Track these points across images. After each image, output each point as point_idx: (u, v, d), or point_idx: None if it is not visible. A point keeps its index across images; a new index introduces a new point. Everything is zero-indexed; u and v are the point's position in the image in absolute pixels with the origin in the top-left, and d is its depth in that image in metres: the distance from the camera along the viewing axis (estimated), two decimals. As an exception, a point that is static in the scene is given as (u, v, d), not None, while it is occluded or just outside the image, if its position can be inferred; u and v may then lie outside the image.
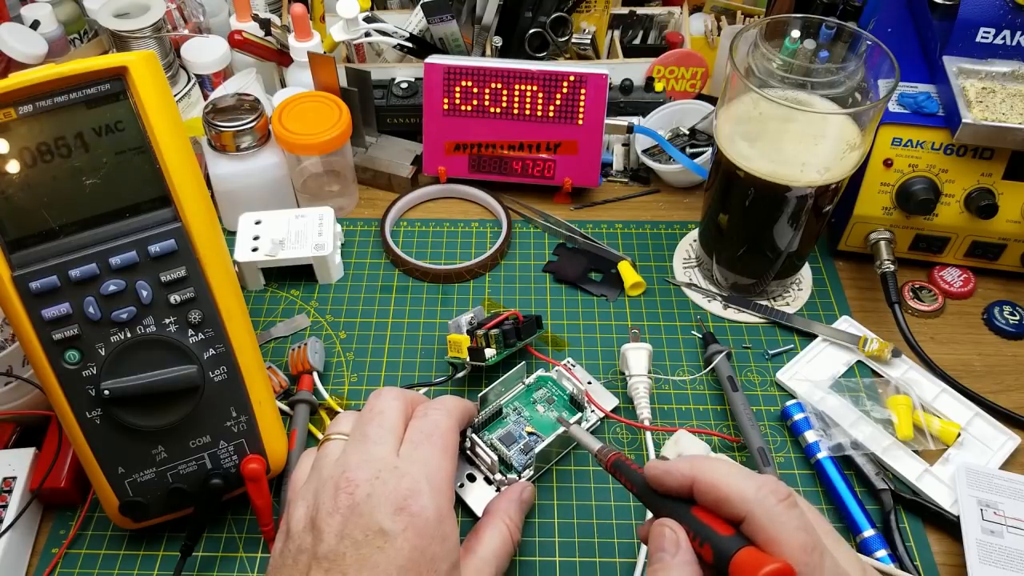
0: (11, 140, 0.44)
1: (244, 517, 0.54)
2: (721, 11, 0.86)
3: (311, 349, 0.61)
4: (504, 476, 0.53)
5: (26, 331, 0.46)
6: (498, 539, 0.44)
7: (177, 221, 0.48)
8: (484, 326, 0.59)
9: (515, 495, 0.48)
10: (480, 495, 0.53)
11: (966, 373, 0.62)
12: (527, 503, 0.49)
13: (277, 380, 0.60)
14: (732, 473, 0.36)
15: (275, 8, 0.89)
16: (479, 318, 0.62)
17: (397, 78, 0.79)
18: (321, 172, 0.76)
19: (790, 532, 0.33)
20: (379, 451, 0.42)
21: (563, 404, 0.57)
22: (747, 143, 0.57)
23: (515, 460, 0.54)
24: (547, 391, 0.58)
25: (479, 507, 0.53)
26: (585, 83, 0.70)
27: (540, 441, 0.54)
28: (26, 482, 0.53)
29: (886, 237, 0.66)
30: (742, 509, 0.34)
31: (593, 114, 0.71)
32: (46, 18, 0.80)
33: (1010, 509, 0.52)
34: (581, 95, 0.70)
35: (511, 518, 0.46)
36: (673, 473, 0.37)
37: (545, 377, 0.59)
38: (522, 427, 0.55)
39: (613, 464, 0.42)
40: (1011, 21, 0.61)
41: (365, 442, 0.42)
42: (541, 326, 0.61)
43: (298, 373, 0.61)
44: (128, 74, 0.46)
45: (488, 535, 0.44)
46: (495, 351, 0.58)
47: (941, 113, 0.62)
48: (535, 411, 0.57)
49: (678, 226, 0.74)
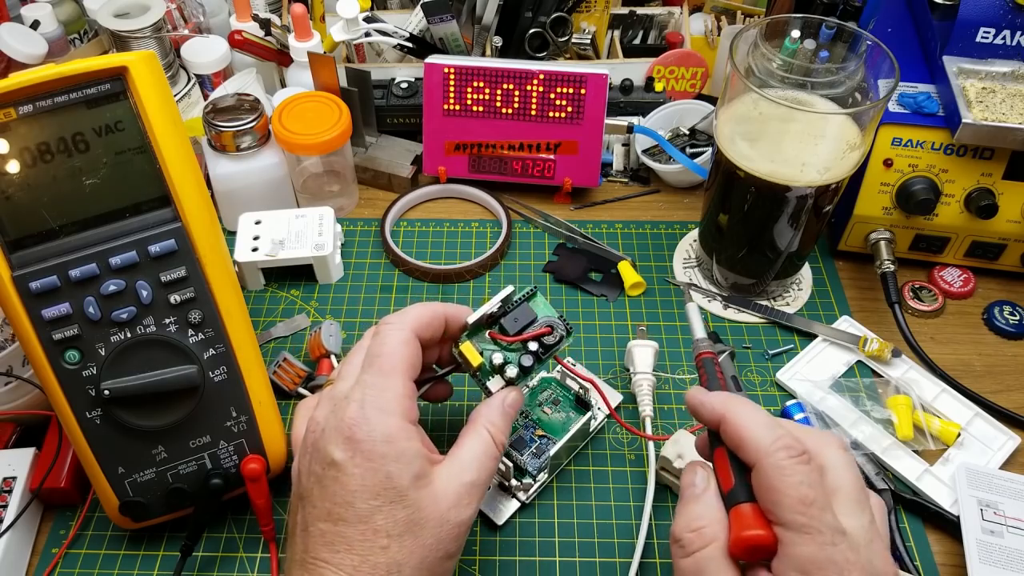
0: (11, 140, 0.44)
1: (244, 517, 0.54)
2: (721, 11, 0.86)
3: (325, 332, 0.61)
4: (519, 482, 0.53)
5: (26, 331, 0.46)
6: (479, 444, 0.43)
7: (177, 221, 0.48)
8: (508, 337, 0.48)
9: (498, 401, 0.46)
10: (495, 504, 0.54)
11: (966, 373, 0.62)
12: (512, 406, 0.46)
13: (295, 370, 0.60)
14: (756, 420, 0.37)
15: (275, 8, 0.89)
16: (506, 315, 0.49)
17: (397, 78, 0.79)
18: (321, 172, 0.76)
19: (791, 485, 0.34)
20: (342, 386, 0.43)
21: (569, 404, 0.57)
22: (747, 143, 0.57)
23: (529, 464, 0.53)
24: (552, 392, 0.58)
25: (498, 516, 0.53)
26: (585, 83, 0.70)
27: (552, 443, 0.54)
28: (26, 482, 0.53)
29: (886, 237, 0.66)
30: (753, 457, 0.36)
31: (593, 114, 0.71)
32: (46, 18, 0.80)
33: (1010, 509, 0.52)
34: (581, 95, 0.70)
35: (492, 423, 0.44)
36: (707, 406, 0.39)
37: (548, 379, 0.59)
38: (531, 431, 0.55)
39: (700, 360, 0.46)
40: (1011, 21, 0.61)
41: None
42: (570, 335, 0.50)
43: (317, 358, 0.61)
44: (128, 74, 0.46)
45: (467, 441, 0.44)
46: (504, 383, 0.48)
47: (941, 113, 0.62)
48: (542, 414, 0.56)
49: (678, 226, 0.74)
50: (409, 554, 0.39)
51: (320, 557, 0.39)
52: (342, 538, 0.39)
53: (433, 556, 0.40)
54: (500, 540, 0.53)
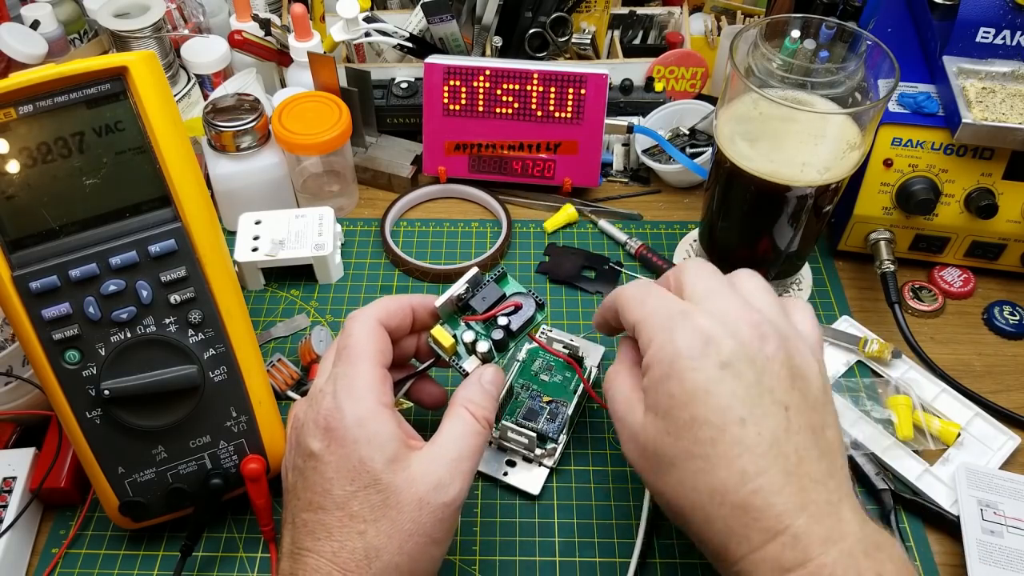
0: (11, 140, 0.44)
1: (244, 517, 0.54)
2: (721, 11, 0.86)
3: (315, 338, 0.61)
4: (544, 449, 0.54)
5: (26, 331, 0.46)
6: (459, 424, 0.43)
7: (177, 221, 0.48)
8: (477, 316, 0.48)
9: (474, 379, 0.46)
10: (526, 477, 0.55)
11: (966, 373, 0.62)
12: (491, 383, 0.46)
13: (288, 372, 0.61)
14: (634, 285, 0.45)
15: (275, 8, 0.89)
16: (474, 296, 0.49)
17: (397, 78, 0.79)
18: (321, 172, 0.76)
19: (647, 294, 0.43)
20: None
21: (563, 366, 0.58)
22: (747, 143, 0.57)
23: (547, 430, 0.54)
24: (543, 360, 0.59)
25: (533, 486, 0.54)
26: (585, 83, 0.70)
27: (563, 406, 0.56)
28: (26, 482, 0.53)
29: (886, 237, 0.66)
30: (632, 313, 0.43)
31: (593, 114, 0.71)
32: (46, 18, 0.80)
33: (1010, 509, 0.52)
34: (581, 95, 0.70)
35: (470, 400, 0.44)
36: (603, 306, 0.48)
37: (535, 349, 0.60)
38: (538, 400, 0.56)
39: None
40: (1011, 21, 0.61)
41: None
42: (542, 308, 0.50)
43: (308, 363, 0.62)
44: (128, 74, 0.46)
45: (446, 423, 0.44)
46: (480, 361, 0.48)
47: (941, 113, 0.62)
48: (542, 381, 0.57)
49: (678, 226, 0.74)
50: (387, 539, 0.39)
51: (304, 546, 0.40)
52: (322, 526, 0.40)
53: (414, 541, 0.40)
54: (500, 540, 0.53)
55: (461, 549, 0.53)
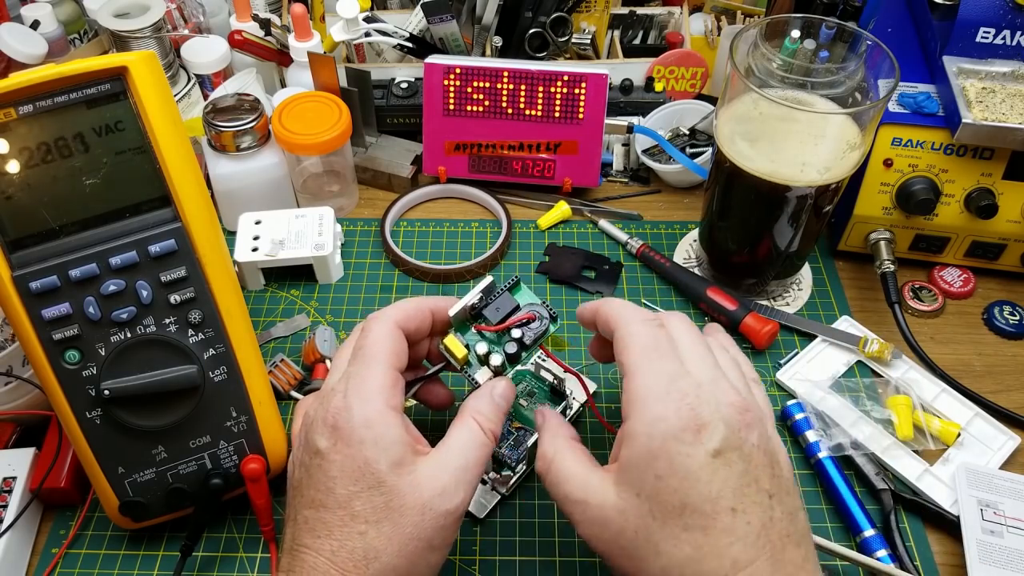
0: (11, 140, 0.44)
1: (244, 517, 0.54)
2: (721, 11, 0.86)
3: (319, 338, 0.61)
4: (499, 475, 0.53)
5: (26, 331, 0.46)
6: (465, 432, 0.43)
7: (177, 221, 0.48)
8: (491, 327, 0.48)
9: (486, 391, 0.46)
10: (480, 499, 0.54)
11: (966, 373, 0.62)
12: (502, 397, 0.46)
13: (291, 372, 0.61)
14: (624, 304, 0.45)
15: (275, 8, 0.89)
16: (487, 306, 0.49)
17: (397, 78, 0.79)
18: (321, 172, 0.76)
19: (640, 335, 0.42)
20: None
21: (544, 395, 0.57)
22: (747, 143, 0.57)
23: (507, 457, 0.53)
24: (527, 384, 0.58)
25: (479, 510, 0.53)
26: (585, 83, 0.70)
27: (529, 435, 0.54)
28: (26, 482, 0.53)
29: (886, 237, 0.66)
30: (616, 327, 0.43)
31: (593, 114, 0.71)
32: (46, 18, 0.80)
33: (1010, 509, 0.52)
34: (581, 95, 0.70)
35: (479, 412, 0.44)
36: (587, 307, 0.48)
37: (523, 371, 0.58)
38: (507, 423, 0.55)
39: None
40: (1011, 21, 0.61)
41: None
42: (555, 321, 0.49)
43: (311, 363, 0.62)
44: (128, 74, 0.46)
45: (454, 431, 0.43)
46: (492, 374, 0.48)
47: (941, 113, 0.62)
48: (518, 406, 0.56)
49: (678, 226, 0.74)
50: (387, 541, 0.39)
51: (303, 543, 0.40)
52: (323, 524, 0.40)
53: (414, 545, 0.39)
54: (500, 540, 0.53)
55: (461, 549, 0.53)
